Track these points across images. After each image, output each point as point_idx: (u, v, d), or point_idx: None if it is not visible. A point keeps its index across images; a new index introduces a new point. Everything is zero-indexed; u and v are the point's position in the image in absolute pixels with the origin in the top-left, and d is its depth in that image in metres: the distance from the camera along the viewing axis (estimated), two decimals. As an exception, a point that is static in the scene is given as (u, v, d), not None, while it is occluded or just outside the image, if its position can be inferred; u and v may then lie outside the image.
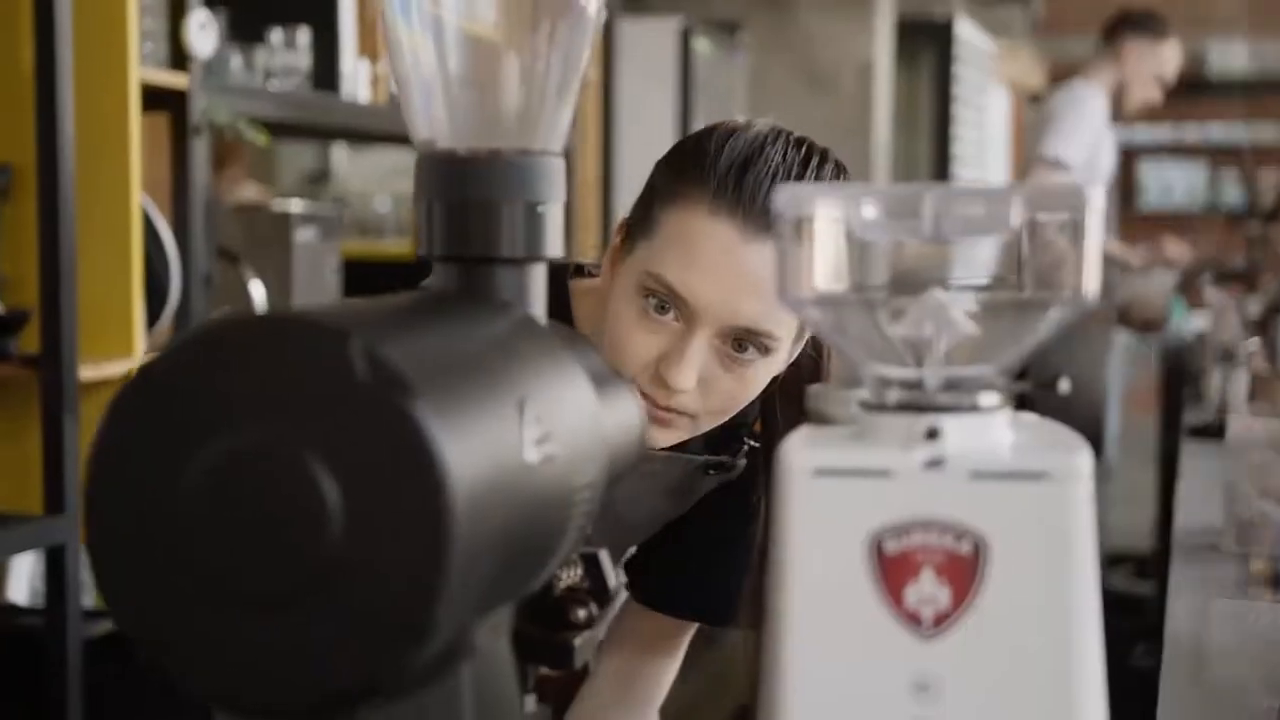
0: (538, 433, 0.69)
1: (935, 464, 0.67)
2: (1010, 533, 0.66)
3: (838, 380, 1.26)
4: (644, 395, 1.26)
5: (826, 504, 0.67)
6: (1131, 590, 5.26)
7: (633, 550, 1.50)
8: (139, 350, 2.44)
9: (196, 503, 0.61)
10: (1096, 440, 4.54)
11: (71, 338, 2.26)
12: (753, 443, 1.41)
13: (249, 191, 4.03)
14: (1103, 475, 5.66)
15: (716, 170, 1.23)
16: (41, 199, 2.29)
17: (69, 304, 2.27)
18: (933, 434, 0.68)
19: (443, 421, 0.61)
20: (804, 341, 1.32)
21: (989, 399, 0.70)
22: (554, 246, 0.82)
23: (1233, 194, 9.91)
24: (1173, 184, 10.00)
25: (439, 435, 0.60)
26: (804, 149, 1.27)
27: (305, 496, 0.60)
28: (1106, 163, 4.49)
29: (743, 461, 1.41)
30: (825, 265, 0.71)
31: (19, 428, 2.37)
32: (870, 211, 0.70)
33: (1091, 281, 0.68)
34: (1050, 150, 4.31)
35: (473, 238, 0.80)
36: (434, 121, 0.82)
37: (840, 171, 1.29)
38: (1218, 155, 9.92)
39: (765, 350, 1.24)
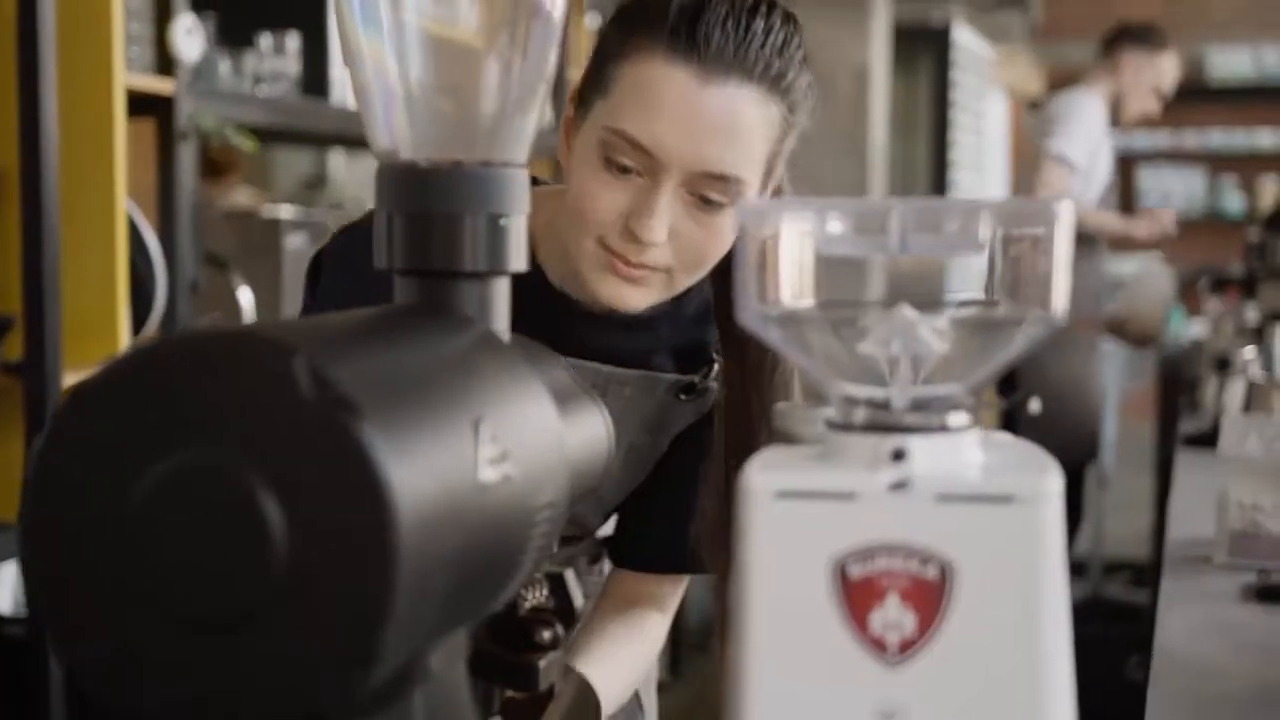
0: (494, 452, 0.67)
1: (900, 486, 0.65)
2: (978, 557, 0.64)
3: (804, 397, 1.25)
4: (614, 254, 1.24)
5: (789, 527, 0.65)
6: (1128, 599, 5.24)
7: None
8: (124, 357, 2.42)
9: (138, 524, 0.59)
10: (1089, 448, 4.51)
11: (55, 345, 2.25)
12: (716, 359, 1.40)
13: (242, 196, 4.01)
14: (1099, 482, 5.64)
15: (669, 16, 1.21)
16: (25, 205, 2.27)
17: (53, 311, 2.26)
18: (899, 455, 0.66)
19: (390, 441, 0.59)
20: (771, 190, 1.31)
21: (958, 419, 0.68)
22: (518, 259, 0.81)
23: (1232, 200, 9.89)
24: (1172, 190, 9.98)
25: (385, 456, 0.58)
26: None
27: (248, 518, 0.58)
28: (1104, 168, 4.50)
29: (713, 385, 1.40)
30: (790, 281, 0.69)
31: (3, 434, 2.35)
32: (836, 227, 0.68)
33: (1062, 299, 0.67)
34: (1057, 148, 4.32)
35: (434, 251, 0.79)
36: (395, 131, 0.81)
37: (790, 21, 1.27)
38: (1217, 161, 9.90)
39: (733, 197, 1.23)
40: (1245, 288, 4.77)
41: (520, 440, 0.70)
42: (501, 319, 0.81)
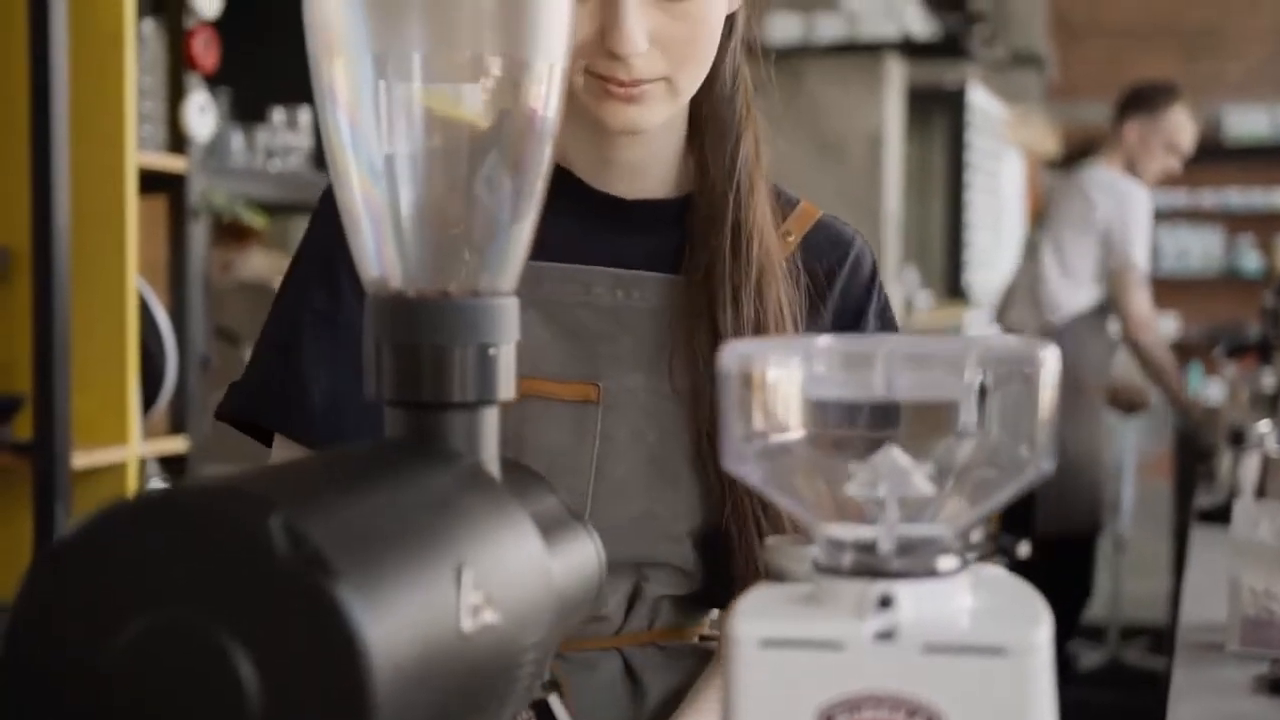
0: (476, 599, 0.66)
1: (887, 635, 0.64)
2: (967, 708, 0.63)
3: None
4: (605, 80, 1.17)
5: (775, 676, 0.64)
6: (1146, 665, 5.20)
7: None
8: (134, 437, 2.42)
9: (113, 684, 0.59)
10: (1099, 517, 4.48)
11: (65, 426, 2.25)
12: None
13: (258, 261, 4.02)
14: (1117, 546, 5.61)
15: None
16: (36, 283, 2.28)
17: (62, 391, 2.26)
18: (886, 602, 0.65)
19: (367, 600, 0.58)
20: None
21: (946, 563, 0.67)
22: (506, 389, 0.80)
23: (1249, 259, 9.87)
24: (1189, 249, 9.97)
25: (361, 615, 0.58)
26: None
27: (224, 678, 0.58)
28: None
29: None
30: (775, 421, 0.69)
31: (10, 515, 2.35)
32: (821, 369, 0.68)
33: (1047, 445, 0.66)
34: (1139, 259, 4.34)
35: (423, 382, 0.78)
36: (384, 261, 0.80)
37: None
38: (1234, 221, 9.89)
39: None
40: (1261, 353, 4.75)
41: (504, 583, 0.69)
42: (490, 448, 0.80)
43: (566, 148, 1.27)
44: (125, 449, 2.42)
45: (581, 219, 1.26)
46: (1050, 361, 0.66)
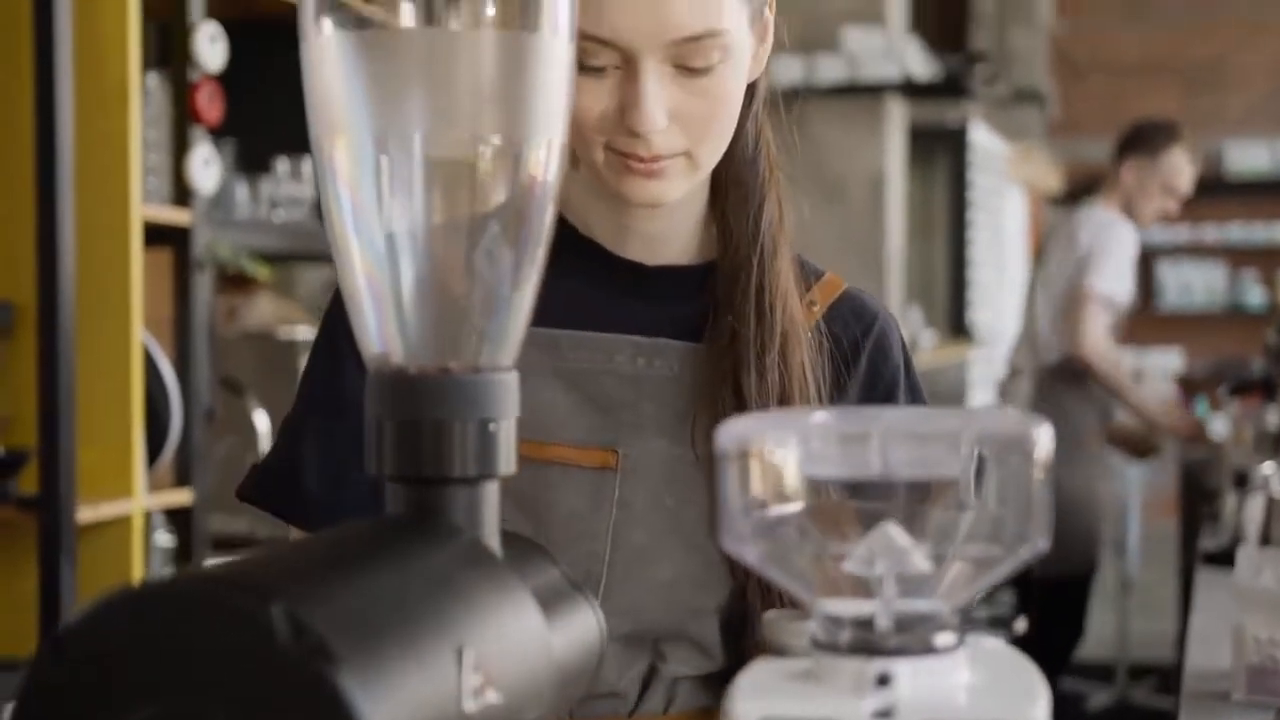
0: (478, 679, 0.67)
1: (886, 714, 0.64)
2: (964, 786, 0.64)
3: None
4: (625, 156, 1.16)
5: (774, 756, 0.65)
6: (1153, 704, 5.18)
7: None
8: (139, 490, 2.43)
9: (116, 772, 0.59)
10: (1093, 562, 4.48)
11: (70, 480, 2.25)
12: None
13: (265, 307, 4.04)
14: (1123, 586, 5.60)
15: None
16: (42, 338, 2.29)
17: (68, 446, 2.27)
18: (884, 680, 0.66)
19: (369, 688, 0.59)
20: (769, 44, 1.23)
21: (944, 639, 0.67)
22: (507, 463, 0.81)
23: (1253, 294, 9.89)
24: (1192, 284, 9.98)
25: (364, 703, 0.58)
26: None
27: (226, 766, 0.58)
28: (1130, 289, 4.53)
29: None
30: (772, 499, 0.69)
31: (16, 570, 2.36)
32: (818, 447, 0.68)
33: (1043, 522, 0.66)
34: (1102, 287, 4.32)
35: (424, 458, 0.79)
36: (385, 337, 0.81)
37: None
38: (1237, 255, 9.91)
39: (721, 53, 1.15)
40: (1266, 390, 4.75)
41: (505, 662, 0.69)
42: (491, 522, 0.81)
43: (588, 216, 1.27)
44: (130, 502, 2.43)
45: (603, 286, 1.26)
46: (1044, 439, 0.67)
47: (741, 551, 0.69)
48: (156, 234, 2.54)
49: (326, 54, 0.78)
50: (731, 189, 1.25)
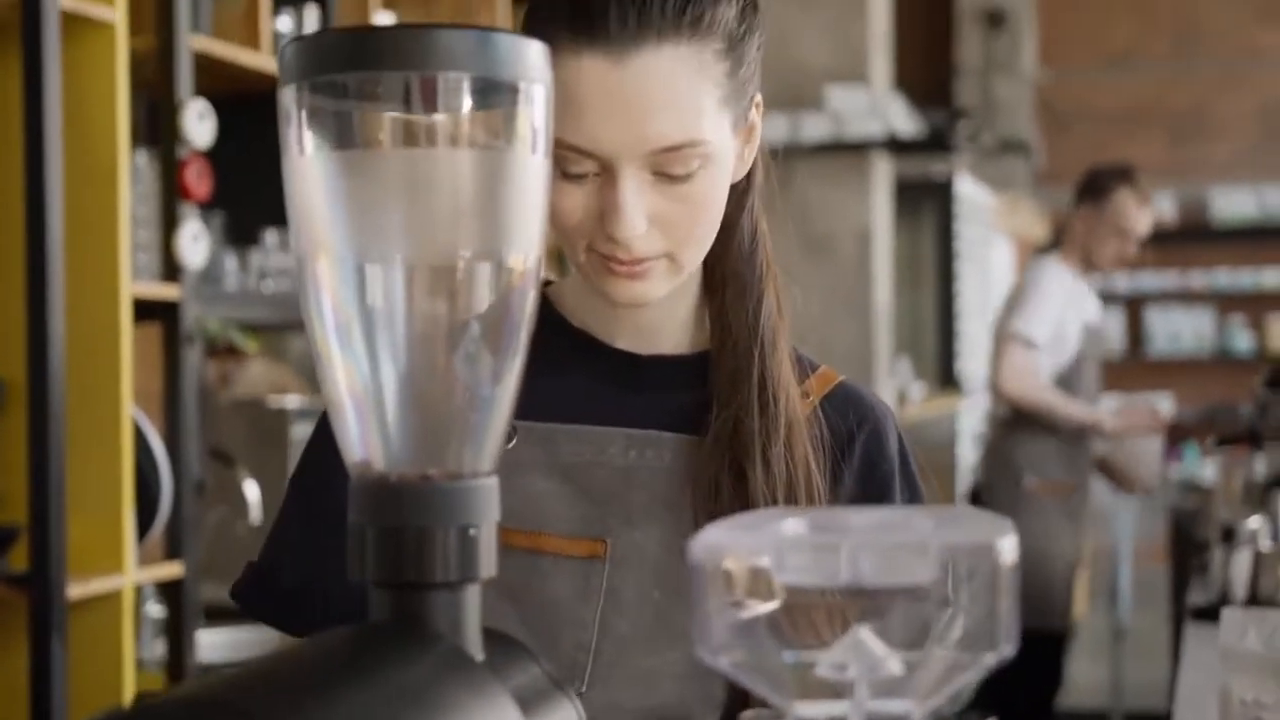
0: (458, 793, 0.68)
1: (859, 820, 0.66)
2: None
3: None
4: (607, 259, 1.16)
5: None
6: (1149, 755, 5.18)
7: None
8: (129, 565, 2.44)
9: None
10: (1059, 612, 4.48)
11: (60, 558, 2.26)
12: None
13: (257, 371, 4.05)
14: (1116, 634, 5.60)
15: (563, 10, 1.14)
16: (32, 415, 2.31)
17: (58, 523, 2.28)
18: (858, 784, 0.67)
19: (350, 809, 0.60)
20: (755, 143, 1.23)
21: (916, 744, 0.69)
22: (488, 567, 0.83)
23: (1241, 339, 9.93)
24: (1181, 331, 10.02)
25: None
26: None
27: None
28: (1074, 336, 4.46)
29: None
30: (746, 608, 0.71)
31: (7, 647, 2.36)
32: (791, 556, 0.70)
33: (1010, 627, 0.68)
34: (1014, 326, 4.30)
35: (406, 564, 0.81)
36: (367, 445, 0.83)
37: None
38: (1224, 301, 9.96)
39: (701, 160, 1.15)
40: (1253, 441, 4.77)
41: (487, 771, 0.71)
42: (472, 627, 0.82)
43: (581, 309, 1.28)
44: (121, 577, 2.44)
45: (596, 378, 1.27)
46: (1009, 549, 0.68)
47: (716, 659, 0.70)
48: (146, 309, 2.56)
49: (309, 172, 0.80)
50: (729, 282, 1.26)
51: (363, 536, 0.81)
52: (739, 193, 1.24)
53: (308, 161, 0.79)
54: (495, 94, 0.80)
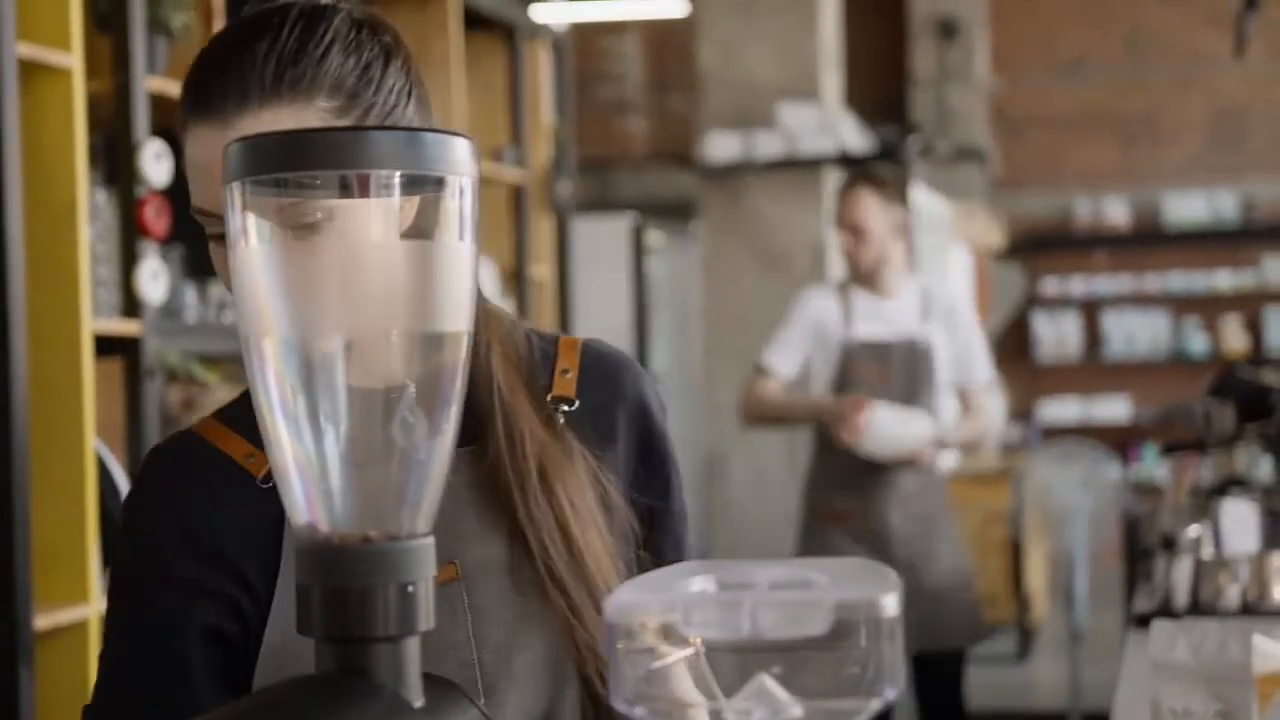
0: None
1: None
2: None
3: None
4: None
5: None
6: (1105, 757, 5.26)
7: None
8: (93, 595, 2.49)
9: None
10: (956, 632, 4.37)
11: (26, 590, 2.32)
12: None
13: (220, 397, 4.09)
14: (1073, 637, 5.69)
15: (186, 83, 1.21)
16: (-5, 450, 2.36)
17: (23, 555, 2.33)
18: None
19: None
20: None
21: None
22: (426, 619, 0.89)
23: (1196, 341, 10.06)
24: (1136, 333, 10.15)
25: None
26: (258, 15, 1.23)
27: None
28: (831, 359, 4.09)
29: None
30: (656, 662, 0.78)
31: (-28, 680, 2.41)
32: (696, 614, 0.77)
33: (894, 674, 0.75)
34: (764, 357, 4.10)
35: (349, 620, 0.87)
36: (312, 509, 0.90)
37: (296, 25, 1.21)
38: (1179, 303, 10.09)
39: (324, 213, 1.12)
40: (1199, 447, 4.86)
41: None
42: (413, 676, 0.89)
43: None
44: (87, 608, 2.49)
45: None
46: (892, 603, 0.75)
47: (631, 709, 0.77)
48: (107, 344, 2.62)
49: (252, 262, 0.87)
50: None
51: (308, 595, 0.88)
52: None
53: (251, 252, 0.86)
54: (424, 186, 0.87)
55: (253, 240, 0.87)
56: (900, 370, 4.07)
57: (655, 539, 1.33)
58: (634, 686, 0.77)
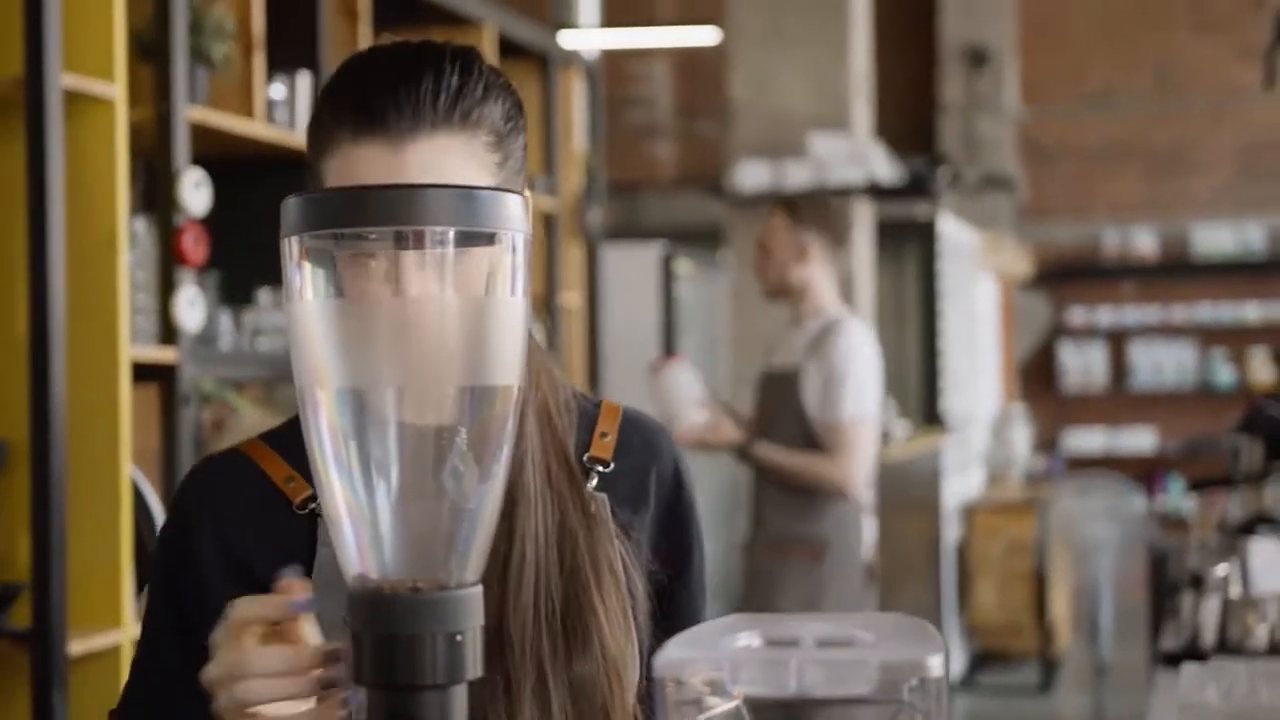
0: None
1: None
2: None
3: None
4: None
5: None
6: (1131, 791, 5.24)
7: None
8: (128, 620, 2.51)
9: None
10: None
11: (61, 615, 2.34)
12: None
13: (249, 417, 4.10)
14: (1098, 670, 5.68)
15: (346, 101, 1.21)
16: (34, 476, 2.38)
17: (59, 580, 2.35)
18: None
19: None
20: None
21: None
22: (474, 668, 0.91)
23: (1223, 372, 10.03)
24: (1163, 363, 10.12)
25: None
26: (416, 46, 1.25)
27: None
28: None
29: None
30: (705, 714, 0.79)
31: (9, 702, 2.43)
32: (744, 671, 0.78)
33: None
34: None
35: (398, 668, 0.89)
36: (364, 559, 0.91)
37: (458, 59, 1.23)
38: (1206, 335, 10.06)
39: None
40: (1227, 483, 4.84)
41: None
42: (461, 723, 0.90)
43: None
44: (120, 633, 2.51)
45: None
46: (937, 665, 0.76)
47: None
48: (144, 370, 2.64)
49: (309, 317, 0.88)
50: None
51: (359, 643, 0.90)
52: None
53: (307, 307, 0.88)
54: (477, 242, 0.89)
55: (309, 294, 0.88)
56: (766, 398, 4.00)
57: (670, 610, 1.32)
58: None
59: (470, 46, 1.26)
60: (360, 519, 0.90)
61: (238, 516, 1.27)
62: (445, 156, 1.20)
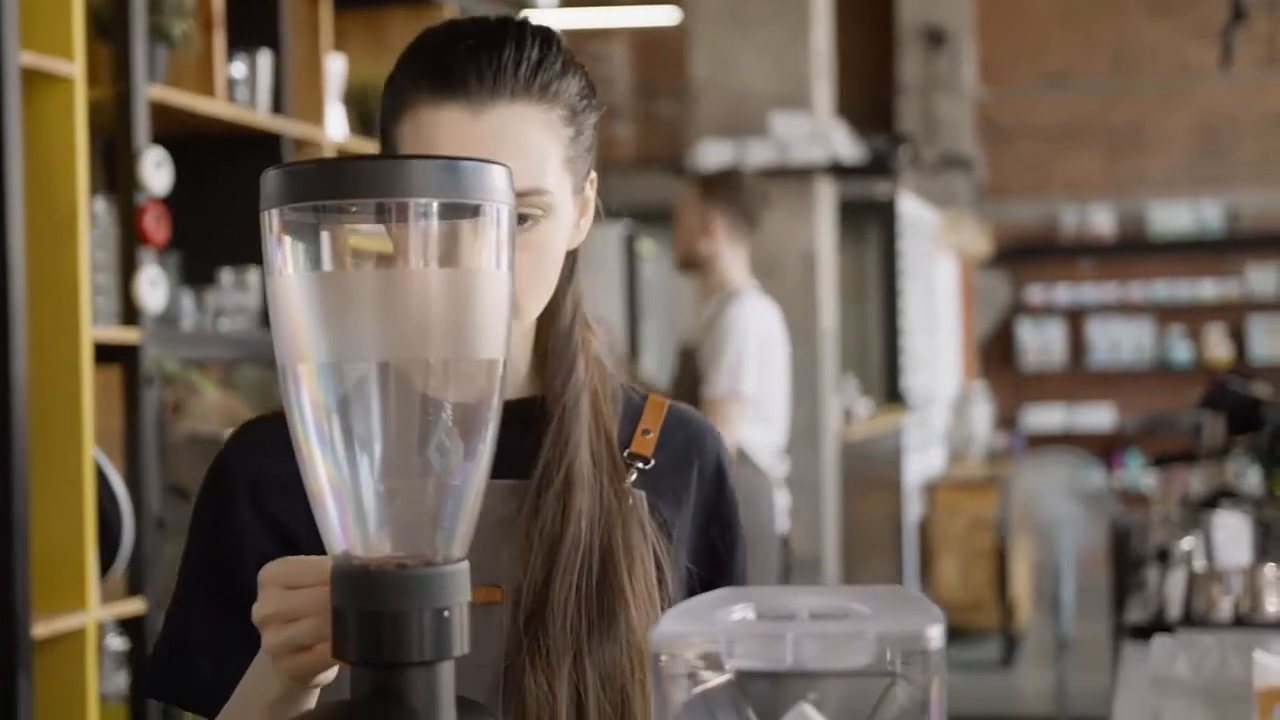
0: None
1: None
2: None
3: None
4: None
5: None
6: (1092, 766, 5.28)
7: None
8: (92, 603, 2.49)
9: None
10: None
11: (25, 597, 2.31)
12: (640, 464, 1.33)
13: (209, 400, 4.08)
14: (1060, 645, 5.71)
15: (426, 65, 1.23)
16: (-5, 456, 2.35)
17: (22, 563, 2.33)
18: None
19: None
20: (592, 212, 1.32)
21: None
22: (461, 644, 0.89)
23: (1180, 350, 10.10)
24: (1121, 342, 10.18)
25: None
26: (498, 20, 1.27)
27: None
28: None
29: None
30: (700, 687, 0.78)
31: (-28, 686, 2.40)
32: (740, 645, 0.77)
33: (940, 708, 0.75)
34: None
35: (384, 645, 0.88)
36: (348, 536, 0.90)
37: (538, 34, 1.25)
38: (1163, 312, 10.12)
39: (543, 210, 1.22)
40: (1189, 457, 4.88)
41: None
42: (447, 701, 0.89)
43: None
44: (85, 615, 2.48)
45: None
46: (936, 636, 0.76)
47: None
48: (106, 352, 2.61)
49: (289, 290, 0.87)
50: (550, 356, 1.31)
51: (344, 620, 0.88)
52: (569, 264, 1.31)
53: (287, 280, 0.86)
54: (461, 215, 0.87)
55: (289, 268, 0.87)
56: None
57: None
58: (678, 713, 0.78)
59: (548, 25, 1.28)
60: (344, 495, 0.89)
61: (277, 482, 1.23)
62: (522, 124, 1.22)
